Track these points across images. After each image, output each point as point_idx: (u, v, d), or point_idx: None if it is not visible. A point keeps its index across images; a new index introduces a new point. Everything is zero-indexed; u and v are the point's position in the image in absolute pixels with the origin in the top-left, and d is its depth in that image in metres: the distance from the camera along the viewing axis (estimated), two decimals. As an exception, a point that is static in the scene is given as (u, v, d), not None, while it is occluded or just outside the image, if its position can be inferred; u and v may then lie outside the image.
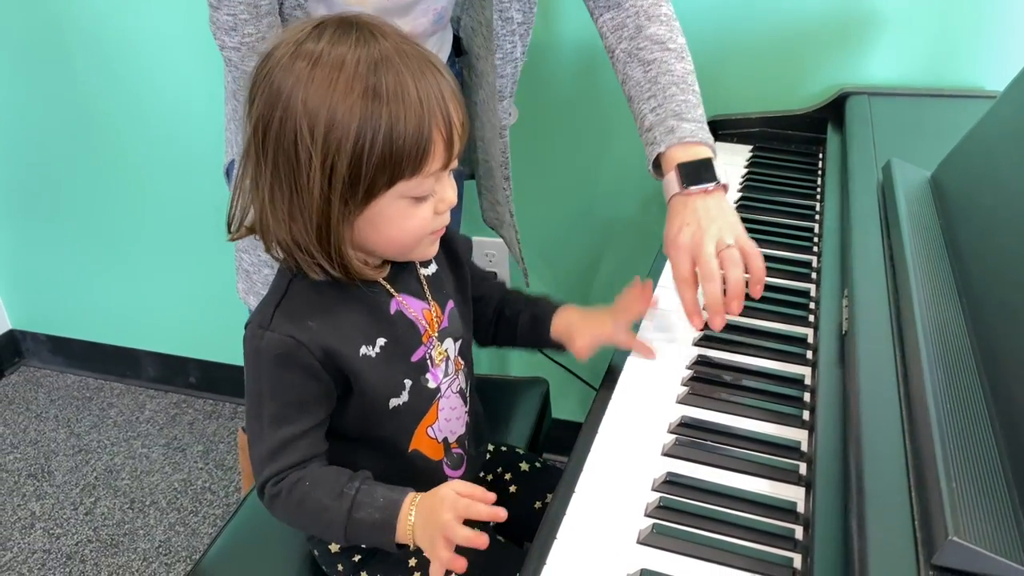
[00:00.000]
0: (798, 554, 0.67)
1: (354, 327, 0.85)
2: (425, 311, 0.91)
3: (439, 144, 0.76)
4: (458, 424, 0.96)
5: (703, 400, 0.85)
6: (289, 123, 0.74)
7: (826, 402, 0.77)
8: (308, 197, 0.76)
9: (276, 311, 0.83)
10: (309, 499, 0.81)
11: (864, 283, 0.87)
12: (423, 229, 0.82)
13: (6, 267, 2.27)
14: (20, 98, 1.96)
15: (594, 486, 0.76)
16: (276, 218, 0.78)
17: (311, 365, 0.81)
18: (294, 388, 0.82)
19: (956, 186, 0.94)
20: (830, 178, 1.22)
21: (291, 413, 0.83)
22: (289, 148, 0.75)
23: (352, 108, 0.73)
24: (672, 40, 1.06)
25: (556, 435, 1.40)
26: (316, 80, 0.73)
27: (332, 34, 0.75)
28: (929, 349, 0.71)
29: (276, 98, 0.75)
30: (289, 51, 0.75)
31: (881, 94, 1.36)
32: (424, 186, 0.78)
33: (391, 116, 0.73)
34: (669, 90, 1.02)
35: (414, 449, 0.93)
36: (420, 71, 0.75)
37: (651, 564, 0.67)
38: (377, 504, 0.79)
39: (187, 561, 1.75)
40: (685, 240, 0.93)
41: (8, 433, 2.13)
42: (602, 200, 1.69)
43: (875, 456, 0.64)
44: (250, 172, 0.80)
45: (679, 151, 0.98)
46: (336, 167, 0.74)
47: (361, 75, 0.73)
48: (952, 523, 0.54)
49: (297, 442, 0.83)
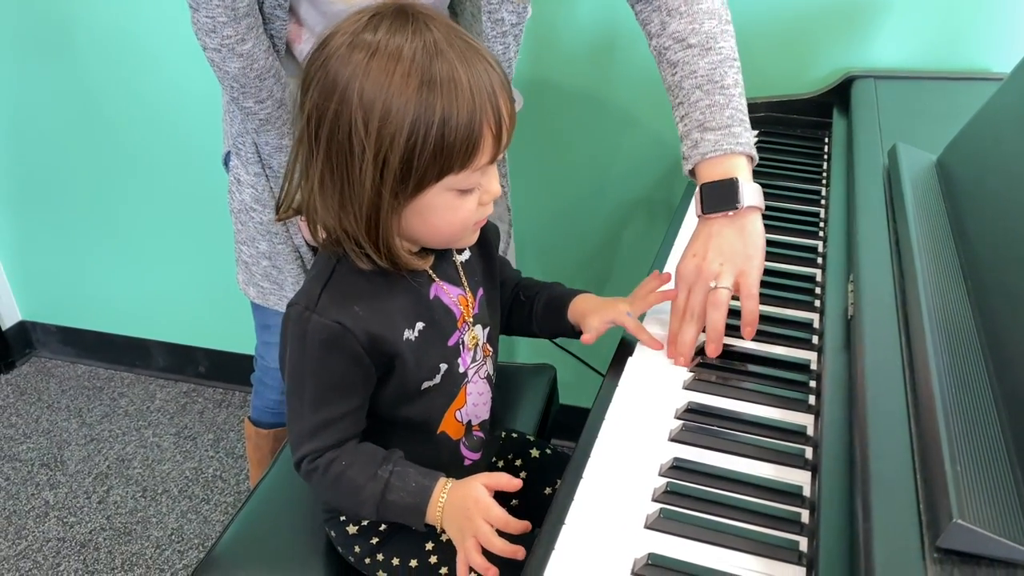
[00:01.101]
0: (804, 537, 0.68)
1: (397, 312, 0.86)
2: (460, 297, 0.92)
3: (488, 139, 0.77)
4: (484, 409, 0.98)
5: (709, 386, 0.86)
6: (344, 115, 0.75)
7: (832, 386, 0.78)
8: (360, 189, 0.76)
9: (323, 293, 0.84)
10: (344, 478, 0.85)
11: (870, 268, 0.87)
12: (468, 220, 0.83)
13: (16, 259, 2.29)
14: (28, 91, 1.96)
15: (602, 472, 0.76)
16: (326, 206, 0.80)
17: (356, 351, 0.83)
18: (337, 372, 0.84)
19: (962, 170, 0.94)
20: (836, 163, 1.22)
21: (332, 396, 0.85)
22: (343, 140, 0.75)
23: (408, 102, 0.73)
24: (693, 33, 1.00)
25: (563, 421, 1.41)
26: (373, 72, 0.74)
27: (389, 25, 0.76)
28: (934, 333, 0.71)
29: (332, 89, 0.75)
30: (346, 40, 0.76)
31: (887, 77, 1.36)
32: (471, 179, 0.79)
33: (444, 111, 0.74)
34: (693, 95, 0.99)
35: (442, 431, 0.95)
36: (471, 62, 0.76)
37: (659, 548, 0.68)
38: (409, 488, 0.83)
39: (200, 548, 1.76)
40: (686, 270, 0.93)
41: (20, 423, 2.15)
42: (607, 191, 1.69)
43: (880, 440, 0.64)
44: (302, 159, 0.81)
45: (705, 167, 0.96)
46: (389, 160, 0.75)
47: (417, 68, 0.74)
48: (956, 506, 0.54)
49: (336, 424, 0.86)
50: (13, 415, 2.18)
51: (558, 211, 1.73)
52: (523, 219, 1.76)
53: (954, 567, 0.53)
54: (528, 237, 1.78)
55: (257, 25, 1.03)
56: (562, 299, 1.01)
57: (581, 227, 1.74)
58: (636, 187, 1.65)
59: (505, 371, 1.37)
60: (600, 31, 1.51)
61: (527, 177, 1.69)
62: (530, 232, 1.77)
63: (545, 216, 1.74)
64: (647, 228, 1.68)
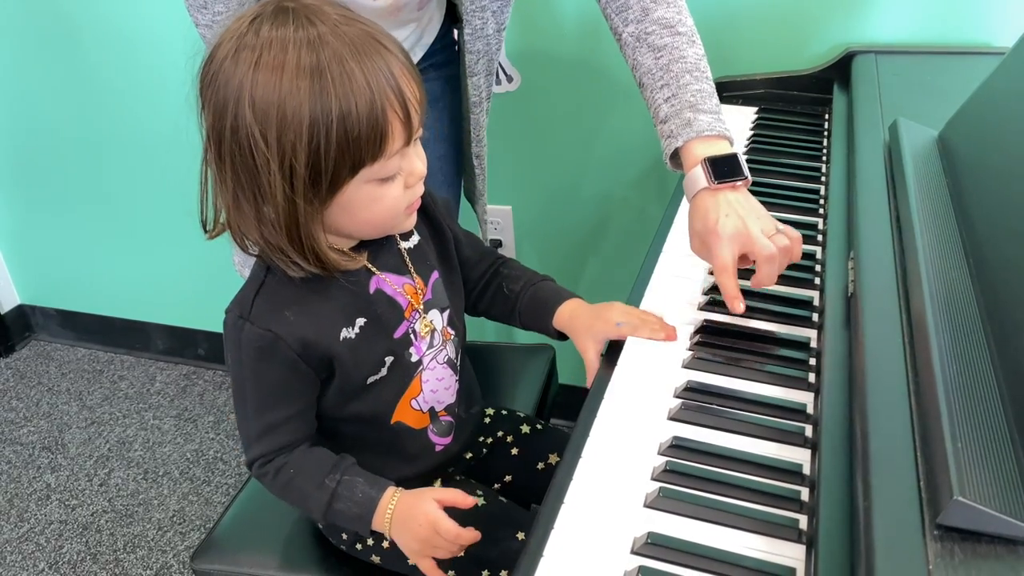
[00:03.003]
0: (804, 515, 0.68)
1: (333, 312, 0.85)
2: (407, 285, 0.91)
3: (396, 124, 0.75)
4: (447, 394, 0.97)
5: (709, 364, 0.85)
6: (241, 130, 0.73)
7: (832, 364, 0.77)
8: (272, 201, 0.75)
9: (255, 300, 0.84)
10: (292, 485, 0.87)
11: (870, 245, 0.87)
12: (397, 207, 0.81)
13: (15, 242, 2.28)
14: (26, 75, 1.95)
15: (601, 451, 0.76)
16: (244, 221, 0.78)
17: (290, 357, 0.83)
18: (274, 379, 0.85)
19: (963, 145, 0.93)
20: (836, 139, 1.21)
21: (272, 401, 0.86)
22: (246, 155, 0.73)
23: (301, 105, 0.71)
24: (681, 23, 1.01)
25: (563, 401, 1.41)
26: (261, 79, 0.71)
27: (271, 25, 0.73)
28: (935, 309, 0.71)
29: (224, 105, 0.73)
30: (231, 49, 0.73)
31: (888, 52, 1.34)
32: (389, 167, 0.77)
33: (341, 106, 0.71)
34: (683, 79, 0.98)
35: (397, 421, 0.94)
36: (363, 51, 0.73)
37: (658, 527, 0.67)
38: (356, 499, 0.86)
39: (201, 530, 1.77)
40: (728, 229, 0.89)
41: (21, 407, 2.15)
42: (596, 175, 1.68)
43: (881, 417, 0.64)
44: (212, 177, 0.79)
45: (698, 145, 0.95)
46: (295, 168, 0.73)
47: (306, 67, 0.71)
48: (957, 483, 0.54)
49: (281, 427, 0.87)
50: (13, 399, 2.18)
51: (553, 192, 1.72)
52: (519, 201, 1.75)
53: (955, 544, 0.53)
54: (524, 220, 1.77)
55: (249, 2, 1.02)
56: (547, 303, 0.99)
57: (577, 209, 1.73)
58: (632, 168, 1.64)
59: (504, 351, 1.37)
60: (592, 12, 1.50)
61: (521, 160, 1.69)
62: (527, 215, 1.77)
63: (541, 198, 1.73)
64: (645, 208, 1.67)
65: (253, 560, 1.02)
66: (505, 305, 1.03)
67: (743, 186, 0.93)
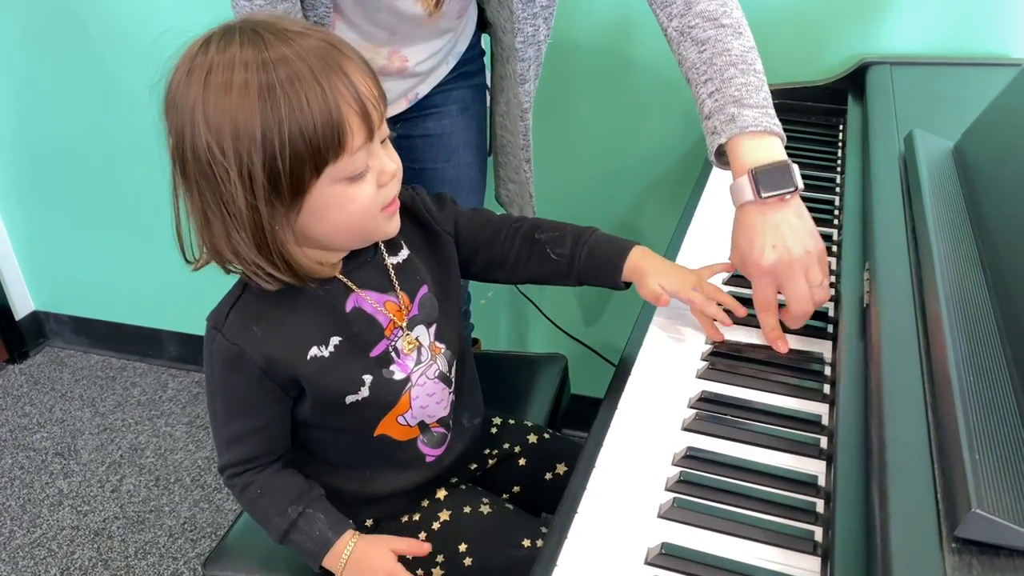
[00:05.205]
0: (819, 527, 0.67)
1: (303, 330, 0.85)
2: (389, 303, 0.90)
3: (353, 119, 0.75)
4: (438, 408, 0.95)
5: (723, 375, 0.85)
6: (200, 145, 0.74)
7: (848, 375, 0.77)
8: (236, 210, 0.75)
9: (230, 313, 0.85)
10: (256, 505, 0.90)
11: (886, 256, 0.86)
12: (371, 207, 0.80)
13: (29, 249, 2.30)
14: (39, 81, 1.97)
15: (614, 461, 0.76)
16: (216, 239, 0.79)
17: (255, 373, 0.84)
18: (240, 391, 0.86)
19: (980, 156, 0.92)
20: (851, 150, 1.20)
21: (239, 412, 0.87)
22: (205, 167, 0.74)
23: (252, 111, 0.72)
24: (726, 15, 0.98)
25: (575, 411, 1.40)
26: (212, 93, 0.73)
27: (219, 42, 0.75)
28: (952, 321, 0.70)
29: (182, 124, 0.75)
30: (184, 71, 0.75)
31: (903, 64, 1.34)
32: (355, 164, 0.76)
33: (291, 106, 0.72)
34: (727, 72, 0.94)
35: (380, 434, 0.93)
36: (315, 55, 0.74)
37: (672, 538, 0.67)
38: (313, 536, 0.88)
39: (212, 537, 1.77)
40: (769, 263, 0.87)
41: (34, 412, 2.16)
42: (623, 177, 1.67)
43: (897, 428, 0.64)
44: (181, 200, 0.80)
45: (744, 143, 0.91)
46: (253, 174, 0.73)
47: (253, 74, 0.72)
48: (975, 495, 0.53)
49: (248, 438, 0.88)
50: (27, 404, 2.19)
51: (574, 197, 1.72)
52: (540, 207, 1.75)
53: (972, 557, 0.53)
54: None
55: (296, 10, 1.04)
56: (611, 258, 0.95)
57: (595, 214, 1.73)
58: (652, 173, 1.64)
59: (516, 361, 1.37)
60: (616, 16, 1.50)
61: (543, 163, 1.68)
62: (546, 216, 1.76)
63: (559, 204, 1.73)
64: (662, 216, 1.67)
65: (265, 567, 1.02)
66: (556, 269, 0.98)
67: (793, 198, 0.90)
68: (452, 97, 1.27)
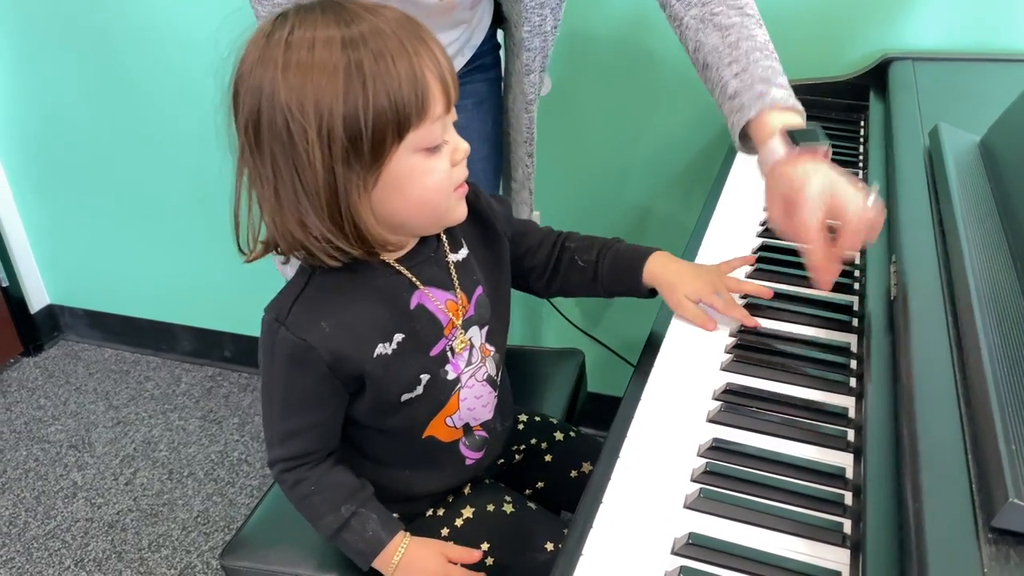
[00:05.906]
0: (848, 519, 0.67)
1: (371, 326, 0.83)
2: (450, 302, 0.88)
3: (434, 84, 0.74)
4: (484, 411, 0.95)
5: (748, 367, 0.84)
6: (278, 107, 0.71)
7: (876, 368, 0.76)
8: (312, 174, 0.72)
9: (294, 306, 0.82)
10: (308, 502, 0.89)
11: (913, 248, 0.85)
12: (447, 182, 0.79)
13: (45, 243, 2.30)
14: (55, 76, 1.97)
15: (638, 451, 0.75)
16: (285, 212, 0.76)
17: (320, 369, 0.82)
18: (303, 386, 0.84)
19: (1007, 149, 0.91)
20: (873, 145, 1.19)
21: (298, 407, 0.85)
22: (281, 131, 0.72)
23: (335, 68, 0.70)
24: (748, 5, 0.99)
25: (590, 408, 1.40)
26: (293, 58, 0.71)
27: (295, 14, 0.74)
28: (983, 312, 0.69)
29: (259, 90, 0.72)
30: (260, 47, 0.73)
31: (925, 59, 1.33)
32: (434, 132, 0.75)
33: (377, 72, 0.71)
34: (753, 55, 0.94)
35: (429, 436, 0.92)
36: (397, 22, 0.74)
37: (699, 528, 0.67)
38: (365, 536, 0.88)
39: (225, 531, 1.77)
40: (815, 188, 0.82)
41: (49, 405, 2.17)
42: (625, 182, 1.67)
43: (930, 419, 0.63)
44: (248, 176, 0.78)
45: (772, 115, 0.89)
46: (333, 133, 0.71)
47: (336, 34, 0.71)
48: (1012, 485, 0.52)
49: (304, 434, 0.87)
50: (42, 397, 2.20)
51: (585, 196, 1.72)
52: (550, 205, 1.74)
53: (1010, 547, 0.52)
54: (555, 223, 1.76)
55: None
56: (631, 262, 0.96)
57: (606, 215, 1.72)
58: (664, 175, 1.63)
59: (533, 355, 1.36)
60: (629, 9, 1.49)
61: (549, 165, 1.68)
62: (555, 221, 1.76)
63: (571, 202, 1.73)
64: (676, 216, 1.66)
65: (282, 558, 1.01)
66: (583, 276, 0.98)
67: (824, 156, 0.87)
68: (467, 90, 1.26)
